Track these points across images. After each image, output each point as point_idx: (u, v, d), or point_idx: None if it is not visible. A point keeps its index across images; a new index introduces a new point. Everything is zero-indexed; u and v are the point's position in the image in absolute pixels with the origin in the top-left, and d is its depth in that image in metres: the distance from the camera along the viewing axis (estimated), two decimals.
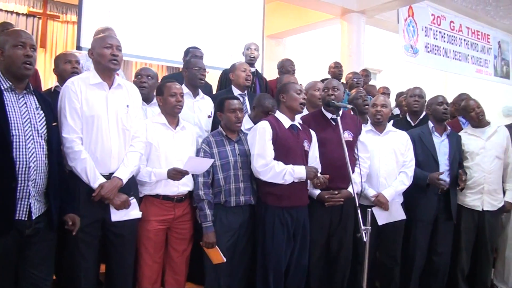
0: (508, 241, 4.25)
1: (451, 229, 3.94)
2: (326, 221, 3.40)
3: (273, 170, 3.06)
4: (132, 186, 2.88)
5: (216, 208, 3.14)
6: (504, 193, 4.08)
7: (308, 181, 3.25)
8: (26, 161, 2.25)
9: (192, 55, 4.39)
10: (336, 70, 5.86)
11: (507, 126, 4.30)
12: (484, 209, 3.95)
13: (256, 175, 3.14)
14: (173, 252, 3.16)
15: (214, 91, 4.75)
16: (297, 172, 3.09)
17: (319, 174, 3.13)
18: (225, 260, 3.07)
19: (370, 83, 6.41)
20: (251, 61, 5.01)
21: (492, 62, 10.37)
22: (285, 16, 8.53)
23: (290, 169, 3.07)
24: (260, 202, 3.23)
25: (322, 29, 8.99)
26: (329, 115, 3.48)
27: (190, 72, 3.77)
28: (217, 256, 3.07)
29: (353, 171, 3.30)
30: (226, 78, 4.75)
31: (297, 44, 9.33)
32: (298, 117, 3.64)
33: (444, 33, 9.04)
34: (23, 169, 2.25)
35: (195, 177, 3.12)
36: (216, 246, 3.06)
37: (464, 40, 9.56)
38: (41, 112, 2.41)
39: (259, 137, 3.11)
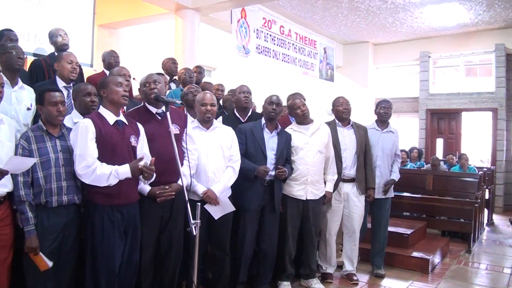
0: (328, 226, 4.64)
1: (277, 218, 4.18)
2: (157, 217, 3.35)
3: (95, 173, 2.90)
4: None
5: (37, 209, 2.89)
6: (325, 183, 4.45)
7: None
8: None
9: (7, 38, 4.00)
10: (172, 66, 5.82)
11: (327, 123, 4.68)
12: (308, 198, 4.26)
13: (78, 177, 2.96)
14: None
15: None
16: (121, 172, 2.96)
17: (141, 163, 3.01)
18: (50, 265, 2.85)
19: (205, 80, 6.49)
20: (65, 49, 4.63)
21: (318, 66, 11.16)
22: (118, 5, 8.18)
23: (113, 171, 2.94)
24: (88, 201, 3.06)
25: (158, 23, 8.85)
26: (153, 110, 3.42)
27: (7, 56, 3.46)
28: (41, 262, 2.83)
29: (182, 164, 3.32)
30: (36, 70, 4.40)
31: (132, 36, 9.03)
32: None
33: (274, 37, 9.47)
34: None
35: (14, 176, 2.84)
36: (40, 252, 2.82)
37: (293, 44, 10.12)
38: None
39: (81, 137, 2.92)
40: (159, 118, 3.40)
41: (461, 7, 9.32)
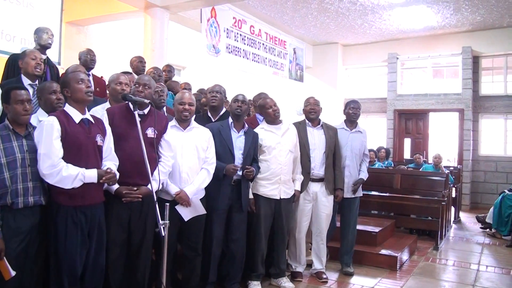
0: (298, 225, 4.66)
1: (244, 217, 4.18)
2: (125, 217, 3.31)
3: (60, 174, 2.85)
4: None
5: (2, 211, 2.80)
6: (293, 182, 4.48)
7: None
8: None
9: None
10: (140, 65, 5.75)
11: (298, 122, 4.73)
12: (281, 197, 4.29)
13: (43, 177, 2.89)
14: None
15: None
16: (88, 176, 2.93)
17: (106, 173, 3.01)
18: (13, 274, 2.75)
19: (174, 79, 6.43)
20: (47, 47, 4.62)
21: (287, 66, 11.20)
22: (87, 2, 8.03)
23: (80, 174, 2.90)
24: (51, 201, 2.98)
25: (127, 21, 8.73)
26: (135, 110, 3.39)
27: None
28: (5, 269, 2.74)
29: (155, 169, 3.31)
30: (14, 65, 4.31)
31: (101, 33, 8.89)
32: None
33: (245, 36, 9.46)
34: None
35: None
36: (4, 259, 2.73)
37: (263, 44, 10.13)
38: None
39: (46, 135, 2.86)
40: (139, 119, 3.31)
41: (429, 10, 9.49)
